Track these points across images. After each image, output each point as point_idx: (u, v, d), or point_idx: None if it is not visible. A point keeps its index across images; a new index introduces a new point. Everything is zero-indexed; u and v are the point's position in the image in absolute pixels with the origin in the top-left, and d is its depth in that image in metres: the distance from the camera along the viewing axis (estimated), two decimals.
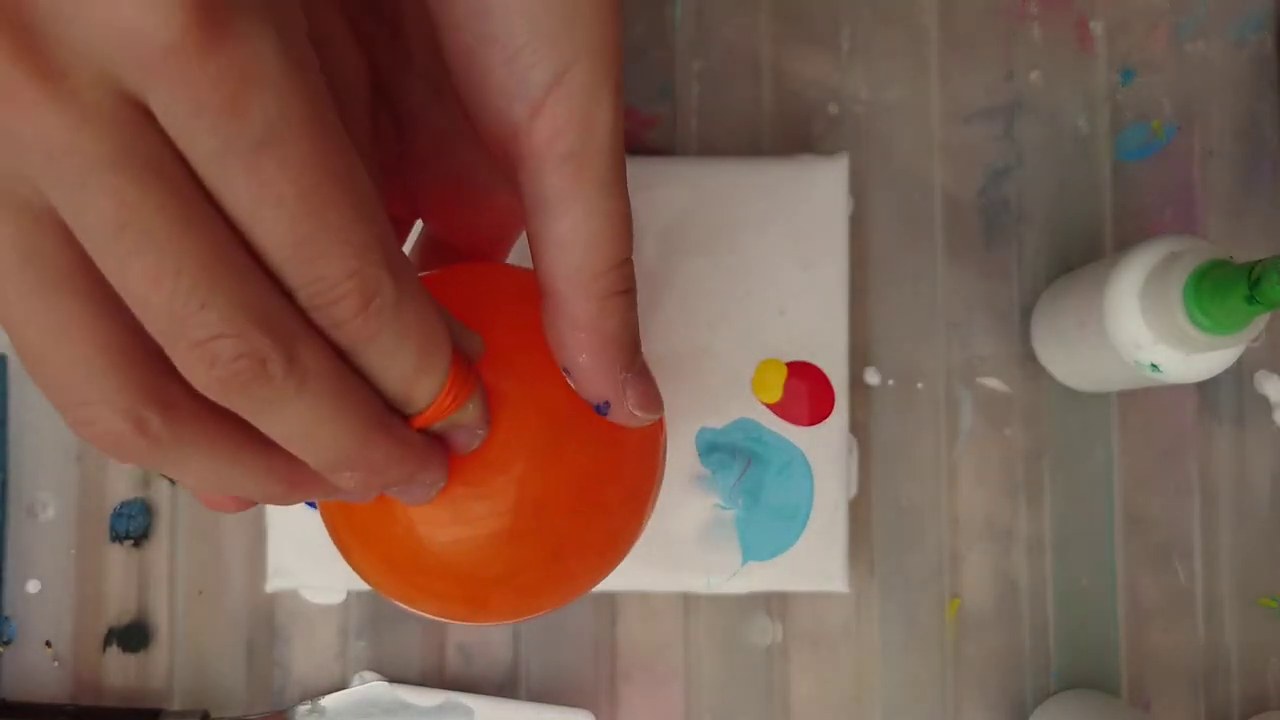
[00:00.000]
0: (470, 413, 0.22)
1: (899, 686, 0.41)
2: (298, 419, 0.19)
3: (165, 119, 0.17)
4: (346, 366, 0.19)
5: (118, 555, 0.41)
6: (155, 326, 0.18)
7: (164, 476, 0.41)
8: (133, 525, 0.41)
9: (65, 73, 0.16)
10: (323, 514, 0.28)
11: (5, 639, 0.41)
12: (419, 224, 0.30)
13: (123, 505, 0.41)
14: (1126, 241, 0.42)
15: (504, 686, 0.41)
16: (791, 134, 0.42)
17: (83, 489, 0.41)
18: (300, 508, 0.39)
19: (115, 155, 0.16)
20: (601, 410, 0.25)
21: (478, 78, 0.21)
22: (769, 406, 0.39)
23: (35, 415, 0.41)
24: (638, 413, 0.25)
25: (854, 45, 0.43)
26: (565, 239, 0.22)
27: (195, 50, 0.16)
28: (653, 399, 0.25)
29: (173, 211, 0.17)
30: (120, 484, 0.41)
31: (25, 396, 0.41)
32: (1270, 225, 0.42)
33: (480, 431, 0.23)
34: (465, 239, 0.28)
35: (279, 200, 0.17)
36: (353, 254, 0.18)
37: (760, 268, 0.39)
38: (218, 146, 0.17)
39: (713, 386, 0.38)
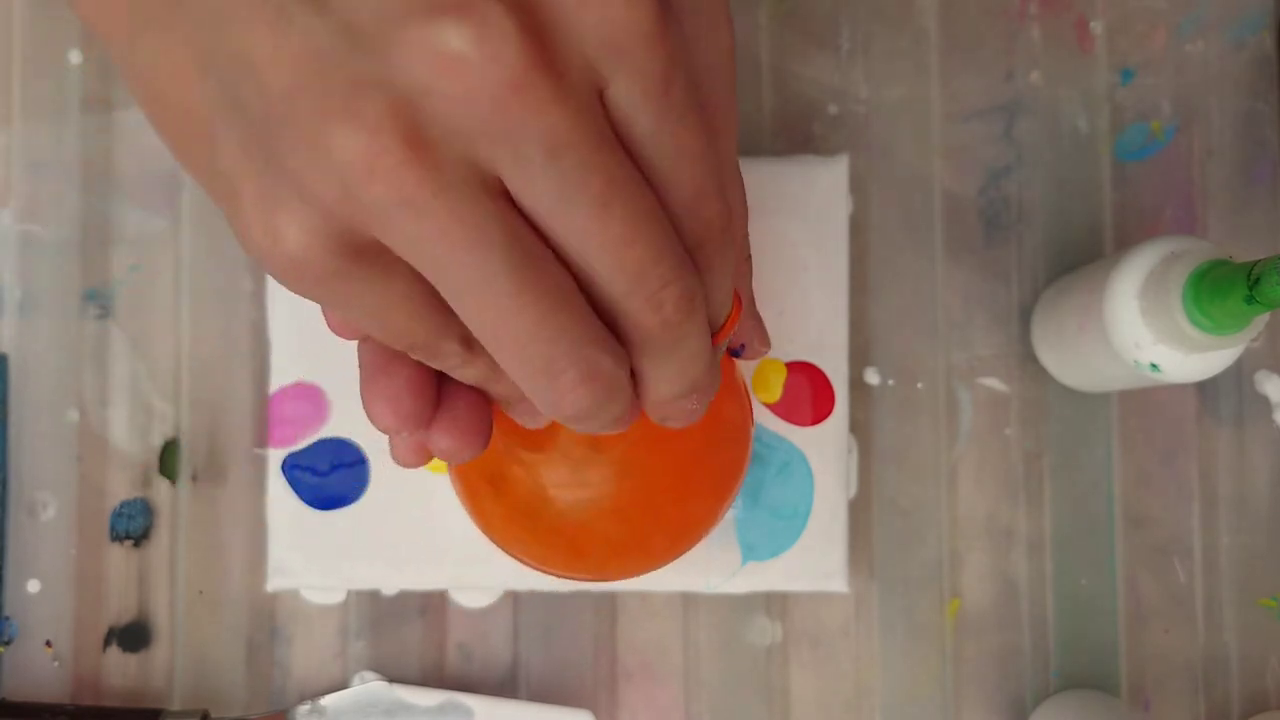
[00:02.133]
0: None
1: (899, 686, 0.41)
2: (689, 351, 0.22)
3: (618, 98, 0.19)
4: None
5: (118, 555, 0.41)
6: (618, 284, 0.20)
7: (164, 475, 0.41)
8: (133, 525, 0.41)
9: (570, 72, 0.18)
10: (454, 469, 0.33)
11: (5, 639, 0.41)
12: None
13: (123, 505, 0.41)
14: (1126, 241, 0.42)
15: (504, 686, 0.41)
16: (791, 134, 0.42)
17: (83, 489, 0.41)
18: (301, 508, 0.39)
19: (600, 140, 0.19)
20: (737, 353, 0.29)
21: None
22: (769, 406, 0.39)
23: (35, 415, 0.41)
24: (761, 349, 0.31)
25: (854, 45, 0.43)
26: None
27: (657, 36, 0.19)
28: (767, 338, 0.31)
29: (635, 183, 0.20)
30: (120, 484, 0.41)
31: (25, 396, 0.41)
32: (1270, 225, 0.42)
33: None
34: None
35: (692, 156, 0.20)
36: (720, 192, 0.21)
37: (760, 268, 0.39)
38: (657, 116, 0.20)
39: None
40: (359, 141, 0.18)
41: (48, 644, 0.41)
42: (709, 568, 0.39)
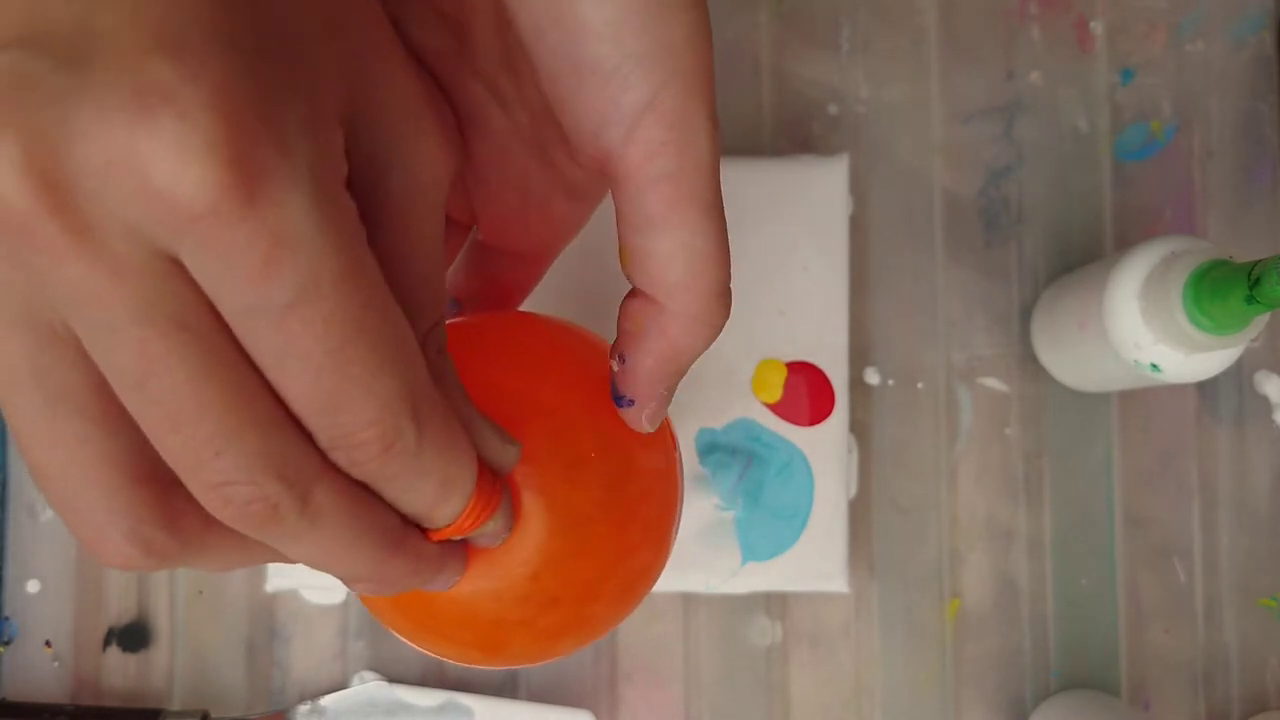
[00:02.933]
0: (491, 526, 0.22)
1: (899, 686, 0.41)
2: (313, 548, 0.19)
3: (196, 273, 0.17)
4: (364, 494, 0.20)
5: None
6: (172, 463, 0.18)
7: None
8: None
9: (96, 229, 0.16)
10: None
11: (5, 639, 0.41)
12: None
13: None
14: (1126, 241, 0.42)
15: (504, 686, 0.41)
16: (791, 134, 0.42)
17: None
18: None
19: (142, 308, 0.17)
20: (619, 402, 0.25)
21: (572, 102, 0.21)
22: (769, 406, 0.39)
23: None
24: (647, 426, 0.26)
25: (854, 45, 0.43)
26: (668, 259, 0.22)
27: (228, 214, 0.16)
28: (661, 419, 0.26)
29: (195, 364, 0.17)
30: None
31: None
32: (1270, 225, 0.42)
33: (502, 536, 0.23)
34: (516, 245, 0.28)
35: (305, 355, 0.17)
36: (375, 405, 0.18)
37: (760, 268, 0.39)
38: (248, 305, 0.17)
39: (712, 386, 0.38)
40: None
41: (48, 644, 0.41)
42: (709, 568, 0.39)
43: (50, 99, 0.15)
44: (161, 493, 0.19)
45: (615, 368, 0.25)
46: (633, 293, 0.23)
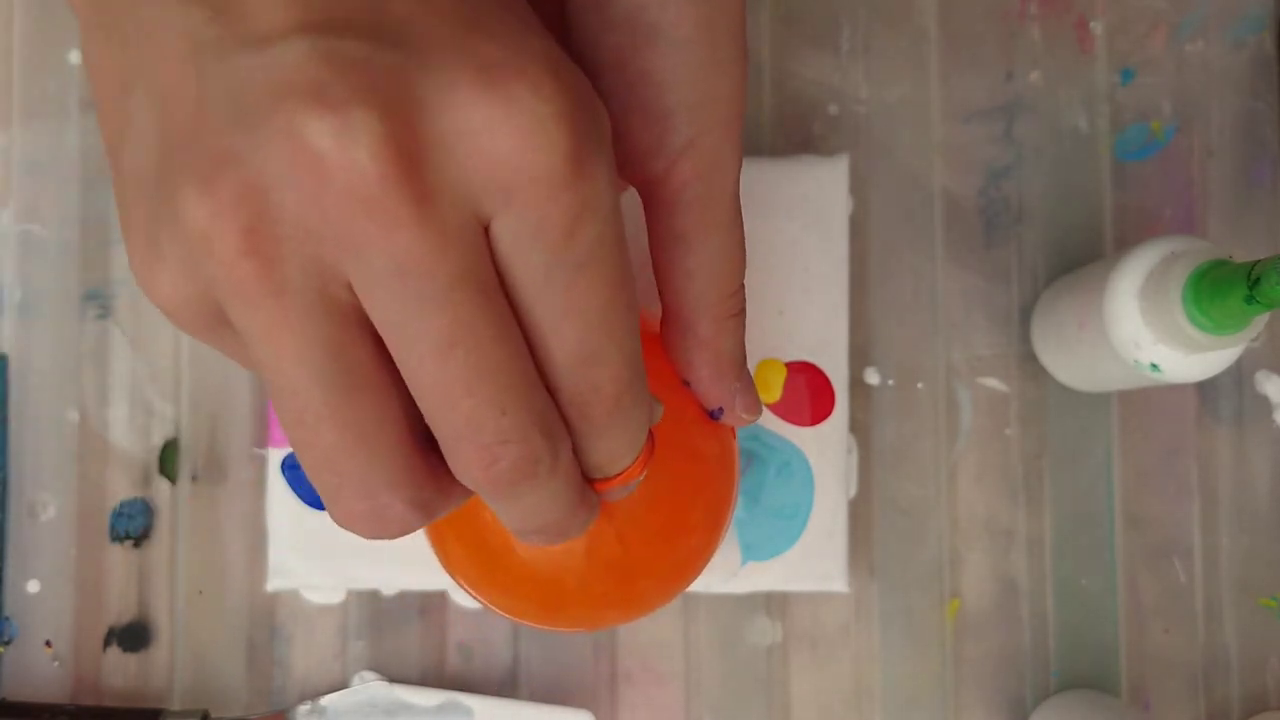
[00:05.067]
0: (639, 478, 0.24)
1: (899, 686, 0.41)
2: (536, 502, 0.21)
3: (502, 238, 0.18)
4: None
5: (118, 555, 0.41)
6: (448, 426, 0.19)
7: (164, 475, 0.41)
8: (133, 525, 0.41)
9: (435, 197, 0.17)
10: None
11: (5, 639, 0.41)
12: None
13: (123, 505, 0.41)
14: (1126, 241, 0.42)
15: (504, 686, 0.41)
16: (791, 134, 0.42)
17: (83, 489, 0.41)
18: (301, 508, 0.39)
19: (460, 276, 0.18)
20: (715, 415, 0.28)
21: (622, 131, 0.23)
22: (769, 406, 0.39)
23: (35, 415, 0.41)
24: (745, 416, 0.28)
25: (854, 45, 0.43)
26: (693, 270, 0.25)
27: (563, 180, 0.17)
28: (755, 404, 0.28)
29: (496, 328, 0.18)
30: (120, 484, 0.41)
31: (25, 396, 0.41)
32: (1270, 225, 0.42)
33: (632, 489, 0.25)
34: None
35: (583, 311, 0.19)
36: (622, 360, 0.20)
37: (760, 268, 0.39)
38: (546, 264, 0.18)
39: None
40: (202, 215, 0.17)
41: (48, 644, 0.41)
42: (709, 568, 0.38)
43: (394, 77, 0.17)
44: (430, 457, 0.20)
45: (694, 392, 0.28)
46: (664, 321, 0.26)
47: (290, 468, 0.39)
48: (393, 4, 0.17)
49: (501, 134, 0.17)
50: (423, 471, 0.20)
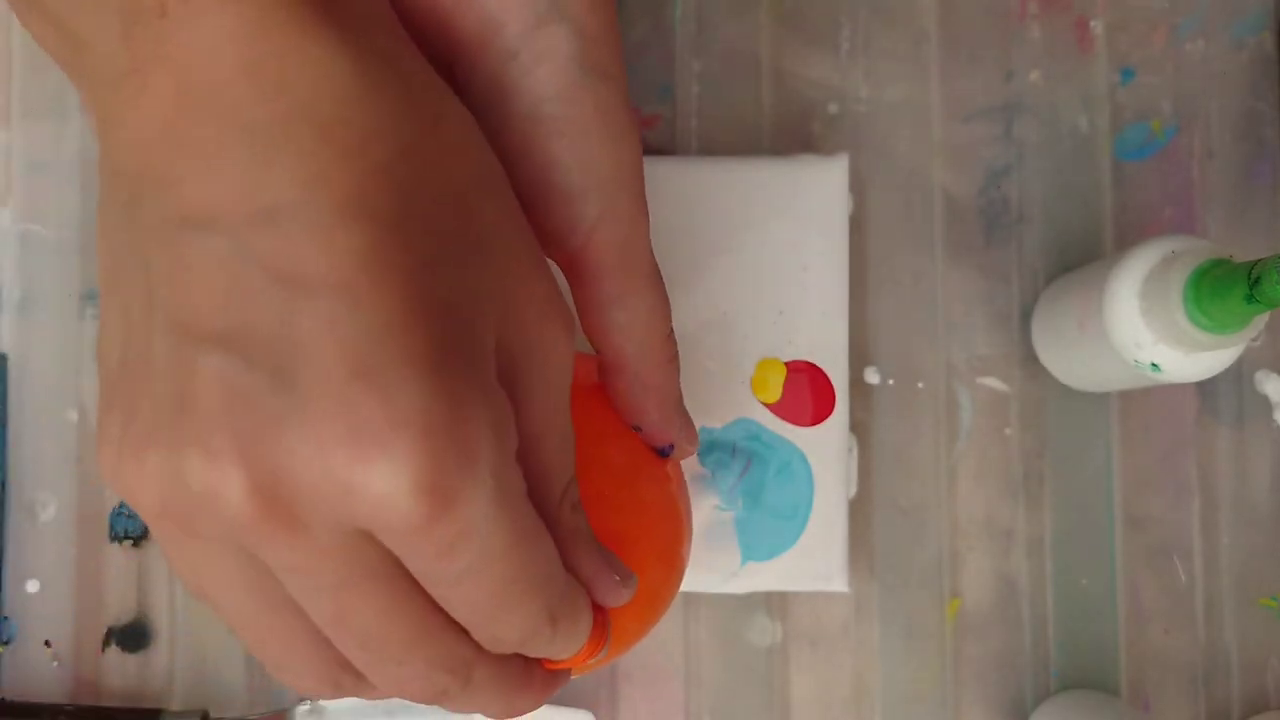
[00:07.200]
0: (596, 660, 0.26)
1: (899, 686, 0.41)
2: (467, 706, 0.24)
3: (387, 545, 0.20)
4: (510, 657, 0.24)
5: (118, 555, 0.41)
6: (359, 666, 0.22)
7: None
8: (132, 525, 0.41)
9: (307, 525, 0.19)
10: None
11: (5, 639, 0.41)
12: None
13: (123, 505, 0.41)
14: (1126, 241, 0.42)
15: None
16: (791, 134, 0.42)
17: (83, 489, 0.41)
18: None
19: (341, 574, 0.20)
20: (665, 452, 0.30)
21: (540, 215, 0.25)
22: (769, 406, 0.39)
23: (35, 415, 0.41)
24: (689, 448, 0.30)
25: (854, 45, 0.43)
26: (627, 326, 0.27)
27: (425, 522, 0.19)
28: (695, 434, 0.30)
29: (383, 603, 0.20)
30: None
31: (25, 396, 0.41)
32: (1270, 225, 0.42)
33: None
34: None
35: (471, 602, 0.21)
36: (521, 621, 0.22)
37: (760, 268, 0.39)
38: (427, 572, 0.20)
39: (712, 386, 0.38)
40: (129, 472, 0.19)
41: (47, 644, 0.41)
42: (709, 568, 0.38)
43: (268, 421, 0.18)
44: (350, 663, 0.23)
45: (643, 436, 0.29)
46: (606, 373, 0.28)
47: None
48: (300, 319, 0.18)
49: (358, 498, 0.18)
50: (343, 669, 0.22)
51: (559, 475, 0.23)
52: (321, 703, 0.40)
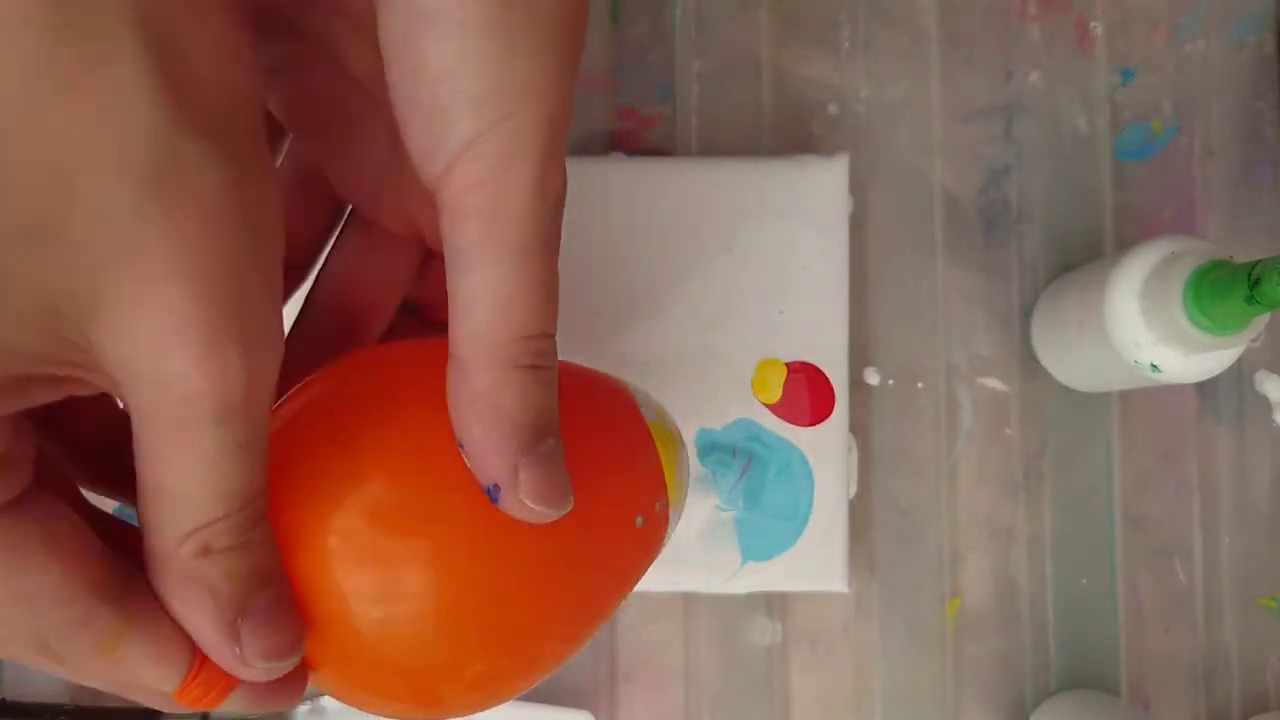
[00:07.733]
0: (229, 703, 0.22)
1: (899, 686, 0.41)
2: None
3: None
4: None
5: None
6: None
7: None
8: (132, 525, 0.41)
9: None
10: None
11: None
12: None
13: (122, 506, 0.41)
14: (1126, 241, 0.42)
15: None
16: (791, 134, 0.42)
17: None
18: None
19: None
20: (491, 495, 0.21)
21: (407, 131, 0.21)
22: (769, 406, 0.39)
23: None
24: (530, 503, 0.21)
25: (854, 45, 0.43)
26: (470, 301, 0.20)
27: None
28: (553, 492, 0.21)
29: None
30: None
31: None
32: (1270, 225, 0.42)
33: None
34: (339, 171, 0.26)
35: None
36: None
37: (760, 268, 0.39)
38: None
39: (712, 386, 0.38)
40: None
41: None
42: (709, 568, 0.39)
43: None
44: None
45: (465, 459, 0.21)
46: (448, 366, 0.21)
47: None
48: None
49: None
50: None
51: (178, 514, 0.20)
52: (322, 703, 0.40)
